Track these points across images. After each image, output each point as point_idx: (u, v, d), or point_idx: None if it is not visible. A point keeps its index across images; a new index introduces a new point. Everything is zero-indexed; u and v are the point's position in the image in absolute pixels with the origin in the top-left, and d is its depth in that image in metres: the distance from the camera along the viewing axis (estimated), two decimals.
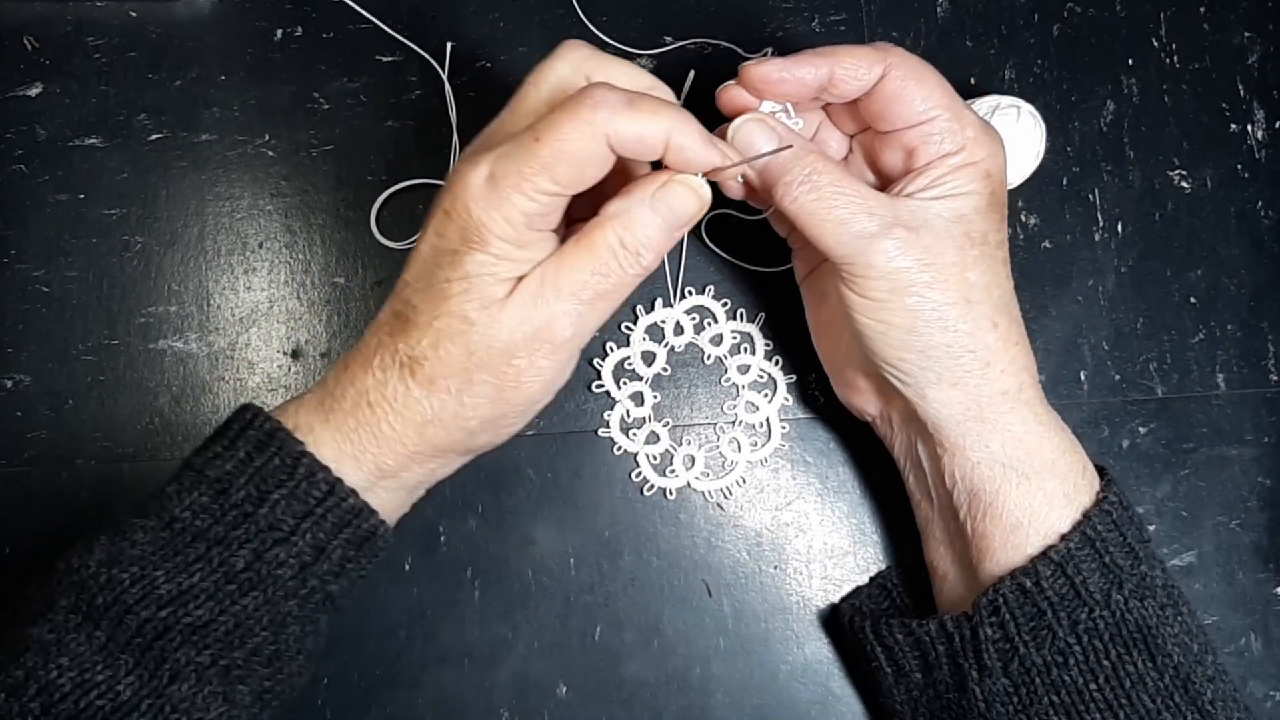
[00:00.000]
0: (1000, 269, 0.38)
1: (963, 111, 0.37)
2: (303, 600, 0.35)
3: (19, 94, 0.48)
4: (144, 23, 0.49)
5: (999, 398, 0.37)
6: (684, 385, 0.48)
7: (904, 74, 0.37)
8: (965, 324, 0.37)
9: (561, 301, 0.35)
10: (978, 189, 0.37)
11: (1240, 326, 0.49)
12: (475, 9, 0.49)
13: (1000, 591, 0.36)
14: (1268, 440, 0.48)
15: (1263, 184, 0.50)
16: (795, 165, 0.37)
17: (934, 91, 0.37)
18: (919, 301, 0.36)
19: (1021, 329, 0.38)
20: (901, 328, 0.37)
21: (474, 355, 0.35)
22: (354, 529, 0.36)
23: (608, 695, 0.46)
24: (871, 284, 0.36)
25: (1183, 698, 0.36)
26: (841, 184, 0.36)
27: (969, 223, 0.37)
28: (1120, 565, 0.36)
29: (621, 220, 0.35)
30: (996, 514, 0.38)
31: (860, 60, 0.37)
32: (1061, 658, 0.36)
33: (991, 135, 0.38)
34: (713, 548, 0.47)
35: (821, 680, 0.46)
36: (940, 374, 0.37)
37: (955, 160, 0.37)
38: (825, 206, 0.36)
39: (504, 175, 0.33)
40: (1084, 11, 0.50)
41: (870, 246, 0.36)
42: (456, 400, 0.35)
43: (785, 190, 0.36)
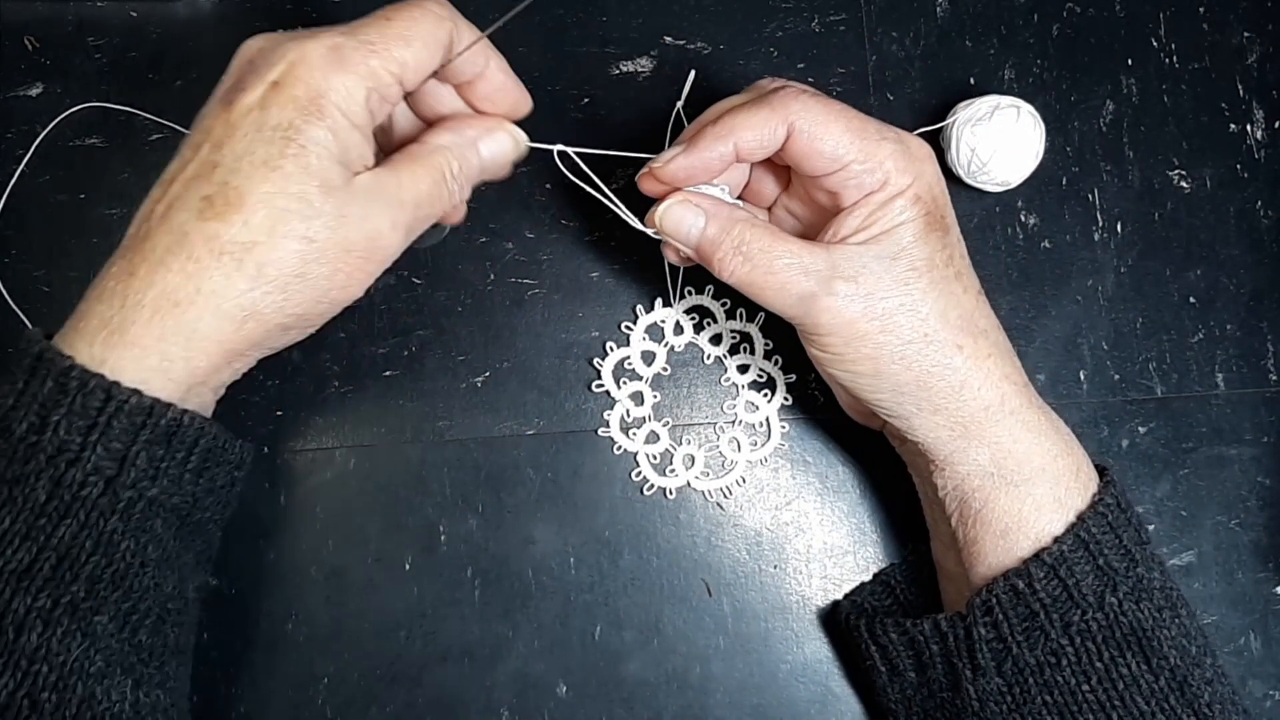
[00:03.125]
0: (953, 288, 0.37)
1: (876, 147, 0.36)
2: (124, 514, 0.33)
3: (20, 94, 0.48)
4: (145, 23, 0.49)
5: (981, 414, 0.37)
6: (684, 385, 0.48)
7: (809, 127, 0.36)
8: (927, 358, 0.37)
9: (402, 210, 0.35)
10: (910, 216, 0.37)
11: (1239, 326, 0.49)
12: (475, 9, 0.49)
13: (994, 592, 0.37)
14: (1267, 440, 0.48)
15: (1262, 184, 0.50)
16: (725, 239, 0.37)
17: (841, 138, 0.36)
18: (876, 348, 0.36)
19: (994, 338, 0.38)
20: (866, 374, 0.37)
21: (313, 243, 0.33)
22: (153, 427, 0.33)
23: (608, 694, 0.46)
24: (826, 340, 0.37)
25: (1179, 700, 0.36)
26: (772, 247, 0.36)
27: (910, 254, 0.36)
28: (1115, 568, 0.37)
29: (455, 151, 0.36)
30: (986, 520, 0.38)
31: (759, 128, 0.36)
32: (1054, 658, 0.36)
33: (914, 156, 0.37)
34: (712, 547, 0.47)
35: (821, 679, 0.46)
36: (919, 404, 0.37)
37: (880, 196, 0.37)
38: (762, 274, 0.36)
39: (351, 47, 0.33)
40: (1083, 11, 0.50)
41: (815, 306, 0.36)
42: (283, 292, 0.33)
43: (721, 265, 0.37)
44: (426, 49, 0.35)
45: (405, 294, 0.48)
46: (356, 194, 0.34)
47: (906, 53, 0.50)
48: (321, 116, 0.33)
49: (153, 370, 0.33)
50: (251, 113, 0.33)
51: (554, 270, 0.48)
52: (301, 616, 0.46)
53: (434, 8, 0.35)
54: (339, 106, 0.33)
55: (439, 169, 0.36)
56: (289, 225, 0.33)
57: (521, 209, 0.48)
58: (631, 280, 0.48)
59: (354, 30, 0.34)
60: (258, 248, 0.33)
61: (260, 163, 0.33)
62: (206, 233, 0.33)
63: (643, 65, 0.49)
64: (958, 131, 0.46)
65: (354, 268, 0.34)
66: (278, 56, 0.33)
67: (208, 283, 0.33)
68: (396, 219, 0.35)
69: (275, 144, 0.33)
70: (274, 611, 0.46)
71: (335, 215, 0.33)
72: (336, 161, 0.33)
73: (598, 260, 0.48)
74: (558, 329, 0.48)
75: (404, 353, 0.47)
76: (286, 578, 0.46)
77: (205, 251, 0.33)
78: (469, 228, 0.48)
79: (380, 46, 0.33)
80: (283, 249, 0.33)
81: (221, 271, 0.33)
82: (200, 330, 0.33)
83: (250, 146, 0.33)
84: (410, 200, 0.35)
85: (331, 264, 0.34)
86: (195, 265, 0.33)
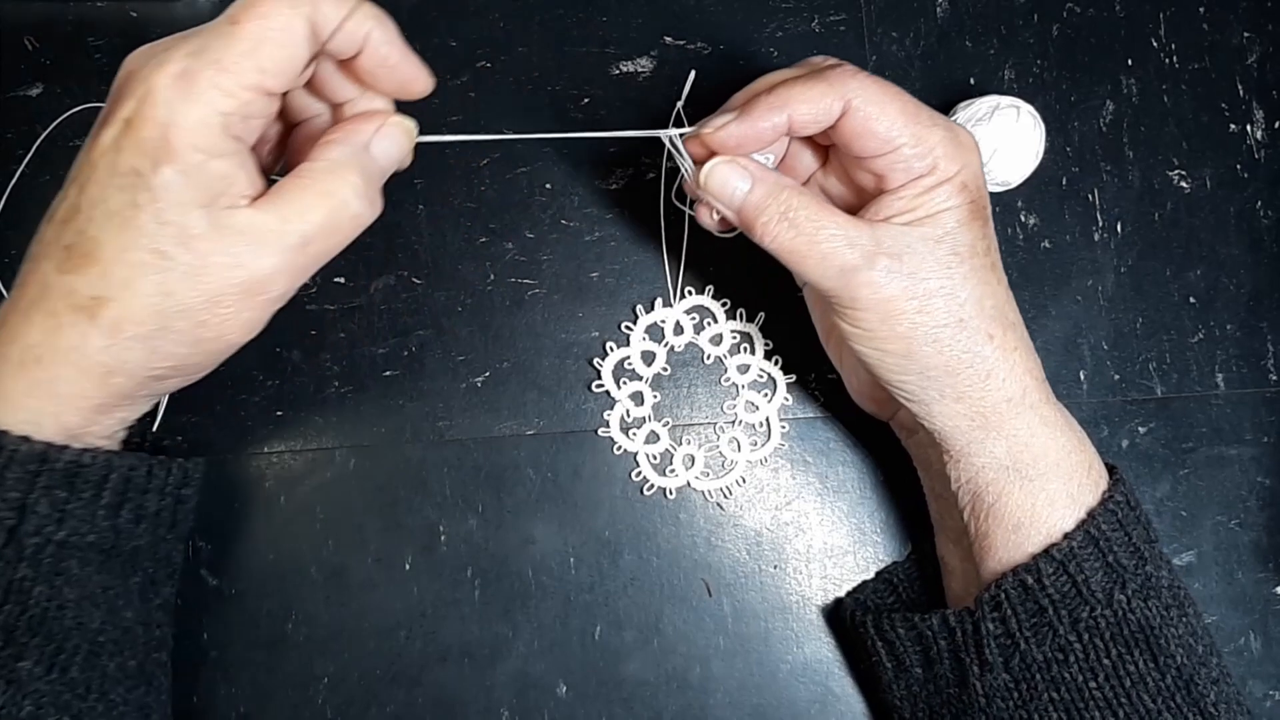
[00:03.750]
0: (990, 277, 0.37)
1: (927, 132, 0.36)
2: (32, 560, 0.32)
3: (20, 94, 0.48)
4: (145, 23, 0.49)
5: (1003, 405, 0.37)
6: (684, 385, 0.48)
7: (864, 105, 0.36)
8: (959, 343, 0.36)
9: (289, 252, 0.32)
10: (956, 203, 0.36)
11: (1239, 326, 0.49)
12: (475, 9, 0.49)
13: (1002, 587, 0.37)
14: (1267, 440, 0.48)
15: (1262, 184, 0.50)
16: (771, 203, 0.36)
17: (895, 120, 0.36)
18: (911, 328, 0.36)
19: (1020, 332, 0.38)
20: (897, 354, 0.36)
21: (172, 297, 0.31)
22: (49, 473, 0.32)
23: (608, 694, 0.46)
24: (861, 315, 0.36)
25: (1184, 699, 0.36)
26: (819, 217, 0.36)
27: (954, 239, 0.36)
28: (1124, 565, 0.37)
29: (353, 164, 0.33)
30: (999, 515, 0.38)
31: (816, 102, 0.36)
32: (1062, 655, 0.36)
33: (961, 145, 0.37)
34: (712, 547, 0.47)
35: (821, 679, 0.46)
36: (942, 391, 0.37)
37: (928, 181, 0.36)
38: (805, 242, 0.36)
39: (198, 69, 0.30)
40: (1083, 11, 0.50)
41: (855, 279, 0.35)
42: (147, 348, 0.32)
43: (764, 229, 0.36)
44: (284, 48, 0.31)
45: (405, 294, 0.48)
46: (226, 237, 0.31)
47: (906, 53, 0.50)
48: (171, 159, 0.30)
49: (25, 425, 0.32)
50: (106, 154, 0.31)
51: (554, 270, 0.48)
52: (301, 616, 0.46)
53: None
54: (192, 144, 0.30)
55: (335, 194, 0.32)
56: (145, 279, 0.30)
57: (521, 209, 0.48)
58: (631, 280, 0.48)
59: (202, 46, 0.30)
60: (113, 304, 0.31)
61: (114, 212, 0.30)
62: (64, 286, 0.31)
63: (643, 65, 0.49)
64: None
65: (229, 315, 0.32)
66: (136, 86, 0.30)
67: (65, 339, 0.31)
68: (281, 262, 0.32)
69: (126, 192, 0.30)
70: (274, 611, 0.46)
71: (196, 266, 0.31)
72: (195, 205, 0.30)
73: (598, 260, 0.48)
74: (558, 329, 0.48)
75: (404, 353, 0.47)
76: (286, 578, 0.46)
77: (63, 306, 0.31)
78: (469, 227, 0.48)
79: (229, 62, 0.30)
80: (139, 305, 0.31)
81: (78, 329, 0.31)
82: (61, 388, 0.32)
83: (104, 193, 0.31)
84: (297, 237, 0.32)
85: (197, 316, 0.31)
86: (54, 321, 0.31)
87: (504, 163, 0.48)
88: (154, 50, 0.32)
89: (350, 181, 0.33)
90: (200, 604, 0.45)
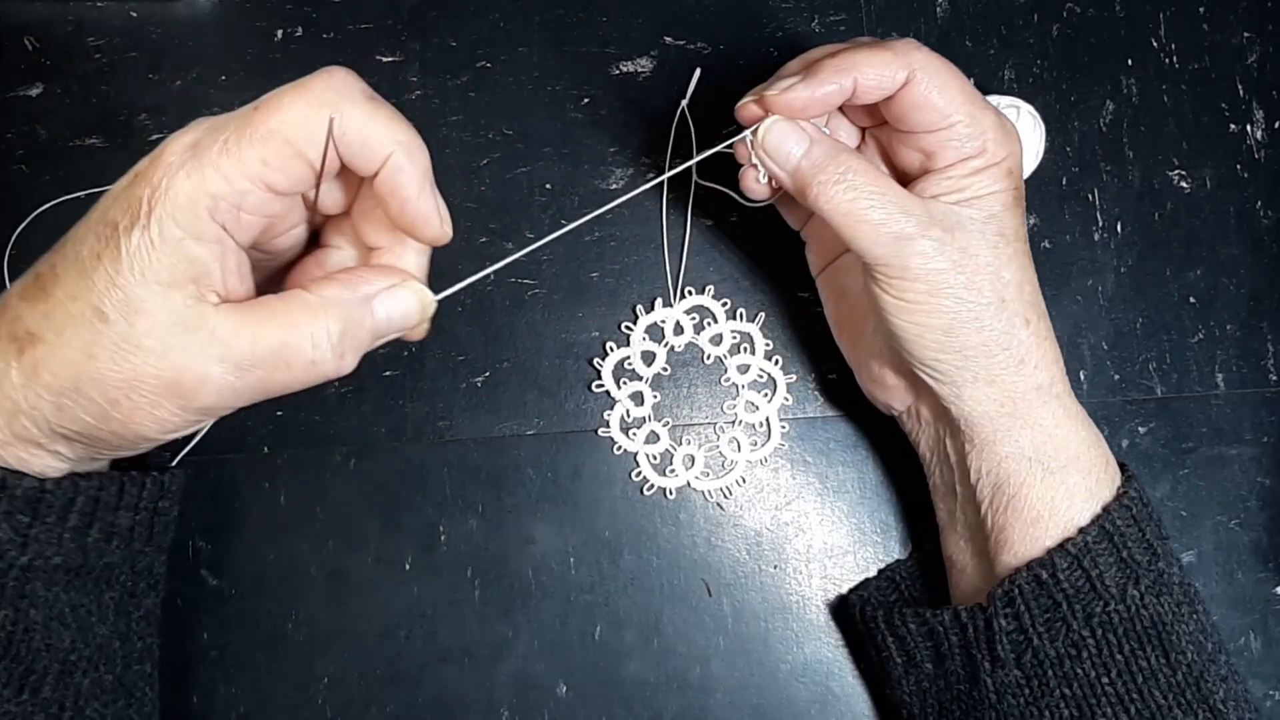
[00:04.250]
0: (1028, 265, 0.38)
1: (981, 114, 0.37)
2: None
3: (19, 94, 0.48)
4: (144, 23, 0.49)
5: (1033, 393, 0.37)
6: (684, 385, 0.48)
7: (927, 78, 0.36)
8: (1000, 323, 0.37)
9: (222, 365, 0.30)
10: (1003, 187, 0.37)
11: (1240, 326, 0.49)
12: (475, 9, 0.49)
13: (1016, 582, 0.37)
14: (1267, 440, 0.48)
15: (1262, 184, 0.50)
16: (830, 164, 0.36)
17: (955, 97, 0.36)
18: (955, 303, 0.36)
19: (1049, 323, 0.39)
20: (939, 329, 0.36)
21: (94, 361, 0.29)
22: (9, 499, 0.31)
23: (608, 695, 0.46)
24: (908, 286, 0.36)
25: (1194, 695, 0.36)
26: (877, 184, 0.36)
27: (1000, 221, 0.37)
28: (1137, 561, 0.37)
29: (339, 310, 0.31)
30: (1018, 507, 0.38)
31: (883, 68, 0.36)
32: (1075, 650, 0.36)
33: (1009, 132, 0.38)
34: (712, 547, 0.47)
35: (821, 680, 0.46)
36: (976, 373, 0.37)
37: (977, 163, 0.37)
38: (862, 207, 0.35)
39: (206, 145, 0.29)
40: (1083, 11, 0.50)
41: (907, 248, 0.35)
42: (56, 403, 0.30)
43: (820, 190, 0.36)
44: (294, 145, 0.29)
45: None
46: (169, 325, 0.29)
47: None
48: (146, 226, 0.29)
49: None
50: (106, 199, 0.30)
51: (554, 270, 0.48)
52: (301, 616, 0.46)
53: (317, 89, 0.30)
54: (172, 216, 0.29)
55: (299, 330, 0.30)
56: (76, 333, 0.29)
57: (521, 209, 0.48)
58: (631, 280, 0.48)
59: (222, 123, 0.30)
60: (41, 345, 0.30)
61: (82, 256, 0.29)
62: (15, 311, 0.30)
63: (643, 65, 0.49)
64: None
65: (141, 404, 0.30)
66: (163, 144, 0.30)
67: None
68: (213, 373, 0.30)
69: (99, 242, 0.29)
70: (274, 611, 0.46)
71: (125, 341, 0.29)
72: (155, 281, 0.29)
73: (598, 260, 0.48)
74: (558, 329, 0.48)
75: (404, 353, 0.47)
76: (286, 578, 0.46)
77: (5, 331, 0.30)
78: (469, 228, 0.48)
79: (234, 146, 0.29)
80: (61, 356, 0.29)
81: (5, 358, 0.30)
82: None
83: (84, 235, 0.30)
84: (248, 356, 0.30)
85: (110, 392, 0.30)
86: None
87: (504, 163, 0.48)
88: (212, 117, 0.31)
89: (324, 325, 0.31)
90: (200, 604, 0.45)
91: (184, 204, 0.29)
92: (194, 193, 0.29)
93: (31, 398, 0.30)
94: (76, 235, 0.30)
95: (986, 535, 0.39)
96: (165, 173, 0.29)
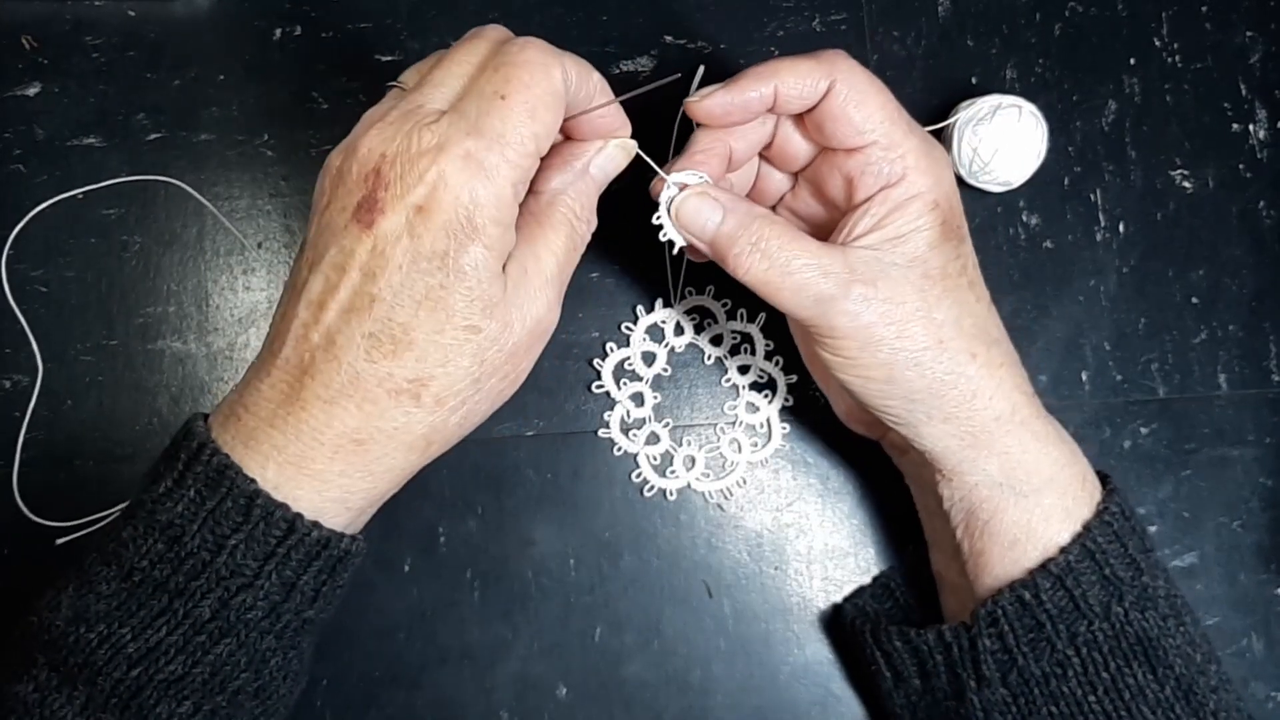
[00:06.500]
0: (966, 296, 0.37)
1: (902, 136, 0.36)
2: (279, 633, 0.34)
3: (18, 93, 0.48)
4: (143, 22, 0.49)
5: (992, 424, 0.37)
6: (684, 386, 0.48)
7: (847, 92, 0.36)
8: (942, 364, 0.36)
9: (551, 284, 0.35)
10: (927, 223, 0.36)
11: (1242, 327, 0.49)
12: (475, 9, 0.49)
13: (999, 603, 0.36)
14: (1269, 441, 0.48)
15: (1265, 184, 0.49)
16: (742, 235, 0.36)
17: (873, 114, 0.36)
18: (891, 354, 0.36)
19: (1006, 348, 0.38)
20: (879, 380, 0.36)
21: (485, 363, 0.33)
22: (325, 558, 0.34)
23: (608, 696, 0.46)
24: (839, 344, 0.36)
25: (1184, 708, 0.35)
26: (792, 246, 0.35)
27: (925, 262, 0.36)
28: (1120, 577, 0.36)
29: (572, 190, 0.36)
30: (994, 532, 0.37)
31: (803, 76, 0.36)
32: (1060, 669, 0.36)
33: (933, 160, 0.37)
34: (713, 548, 0.47)
35: (822, 681, 0.46)
36: (929, 412, 0.37)
37: (897, 194, 0.36)
38: (779, 273, 0.35)
39: (483, 149, 0.31)
40: (1086, 11, 0.50)
41: (831, 309, 0.35)
42: (464, 410, 0.34)
43: (736, 263, 0.36)
44: (551, 113, 0.33)
45: None
46: (512, 294, 0.33)
47: (908, 52, 0.50)
48: (476, 237, 0.32)
49: (332, 501, 0.33)
50: (401, 241, 0.31)
51: None
52: None
53: (539, 59, 0.33)
54: (492, 219, 0.32)
55: (566, 220, 0.35)
56: (461, 354, 0.32)
57: None
58: (631, 281, 0.48)
59: (477, 124, 0.32)
60: (434, 382, 0.32)
61: (423, 297, 0.32)
62: (379, 374, 0.32)
63: (643, 65, 0.49)
64: (959, 131, 0.46)
65: (522, 361, 0.35)
66: (409, 174, 0.31)
67: (388, 421, 0.33)
68: (549, 296, 0.35)
69: (434, 275, 0.31)
70: None
71: (501, 329, 0.33)
72: (495, 275, 0.32)
73: (598, 260, 0.48)
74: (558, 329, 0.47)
75: None
76: None
77: (381, 392, 0.32)
78: None
79: (511, 136, 0.32)
80: (456, 376, 0.33)
81: (400, 409, 0.32)
82: (384, 463, 0.33)
83: (408, 280, 0.31)
84: (554, 269, 0.35)
85: (502, 370, 0.34)
86: (373, 406, 0.32)
87: None
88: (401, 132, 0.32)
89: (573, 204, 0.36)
90: None
91: (499, 204, 0.32)
92: (501, 191, 0.32)
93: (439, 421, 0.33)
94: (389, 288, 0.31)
95: (965, 560, 0.39)
96: (466, 189, 0.31)
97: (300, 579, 0.33)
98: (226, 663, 0.33)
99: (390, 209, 0.31)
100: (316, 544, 0.33)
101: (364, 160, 0.32)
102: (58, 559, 0.45)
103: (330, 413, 0.32)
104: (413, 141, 0.32)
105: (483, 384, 0.34)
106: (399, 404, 0.32)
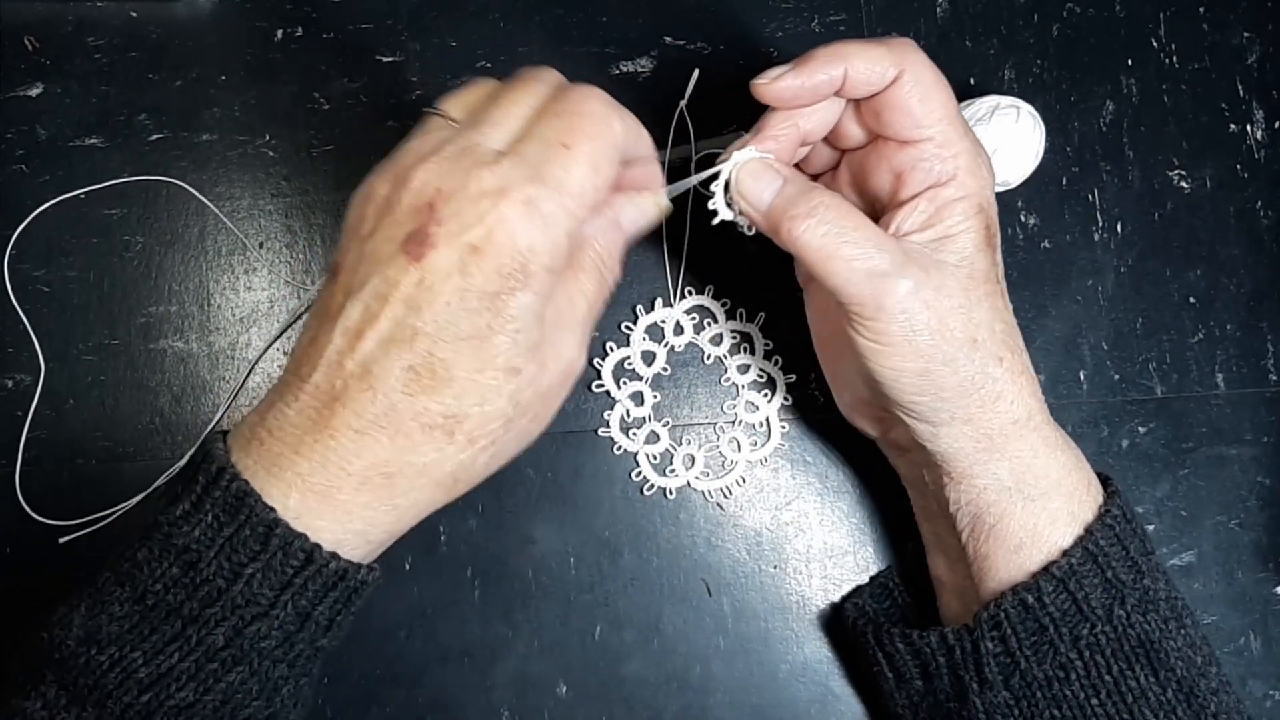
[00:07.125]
0: (1000, 303, 0.37)
1: (957, 136, 0.36)
2: (292, 662, 0.33)
3: (20, 94, 0.48)
4: (144, 23, 0.49)
5: (1009, 427, 0.37)
6: (684, 385, 0.48)
7: (913, 84, 0.36)
8: (974, 364, 0.36)
9: (582, 326, 0.35)
10: (974, 225, 0.36)
11: (1240, 326, 0.49)
12: (475, 10, 0.49)
13: (1002, 606, 0.36)
14: (1267, 440, 0.48)
15: (1262, 184, 0.50)
16: (800, 200, 0.36)
17: (935, 110, 0.36)
18: (930, 345, 0.35)
19: (1024, 357, 0.38)
20: (914, 372, 0.36)
21: (519, 405, 0.33)
22: (341, 589, 0.33)
23: (608, 694, 0.46)
24: (882, 327, 0.35)
25: (1186, 711, 0.35)
26: (850, 219, 0.35)
27: (972, 263, 0.36)
28: (1122, 580, 0.36)
29: (600, 238, 0.35)
30: (1000, 535, 0.37)
31: (874, 62, 0.36)
32: (1063, 672, 0.36)
33: (981, 164, 0.37)
34: (712, 547, 0.47)
35: (821, 680, 0.46)
36: (953, 413, 0.37)
37: (946, 194, 0.36)
38: (834, 242, 0.35)
39: (544, 197, 0.31)
40: (1083, 11, 0.50)
41: (883, 285, 0.35)
42: (494, 450, 0.33)
43: (791, 226, 0.35)
44: (612, 166, 0.33)
45: None
46: (548, 336, 0.33)
47: None
48: (529, 283, 0.31)
49: (354, 533, 0.33)
50: (451, 278, 0.31)
51: None
52: None
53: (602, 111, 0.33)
54: (545, 266, 0.31)
55: (595, 264, 0.35)
56: (499, 395, 0.32)
57: None
58: (632, 280, 0.48)
59: (538, 172, 0.31)
60: (468, 420, 0.32)
61: (467, 335, 0.31)
62: (415, 408, 0.31)
63: (643, 65, 0.49)
64: None
65: (553, 402, 0.35)
66: (467, 213, 0.31)
67: (419, 456, 0.32)
68: (580, 338, 0.35)
69: (482, 315, 0.31)
70: None
71: (538, 370, 0.33)
72: (539, 319, 0.32)
73: None
74: None
75: None
76: None
77: (415, 426, 0.32)
78: None
79: (572, 186, 0.31)
80: (491, 415, 0.32)
81: (433, 445, 0.32)
82: (410, 497, 0.33)
83: (454, 317, 0.31)
84: (584, 311, 0.35)
85: (533, 410, 0.34)
86: (406, 440, 0.32)
87: None
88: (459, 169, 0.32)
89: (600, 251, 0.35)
90: None
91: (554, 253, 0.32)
92: (557, 240, 0.32)
93: (469, 460, 0.33)
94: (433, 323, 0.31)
95: (969, 563, 0.38)
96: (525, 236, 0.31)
97: (316, 609, 0.33)
98: (238, 691, 0.32)
99: (443, 244, 0.31)
100: (334, 575, 0.33)
101: (417, 193, 0.31)
102: (60, 558, 0.45)
103: (361, 443, 0.32)
104: (471, 181, 0.31)
105: (514, 424, 0.33)
106: (431, 439, 0.32)
